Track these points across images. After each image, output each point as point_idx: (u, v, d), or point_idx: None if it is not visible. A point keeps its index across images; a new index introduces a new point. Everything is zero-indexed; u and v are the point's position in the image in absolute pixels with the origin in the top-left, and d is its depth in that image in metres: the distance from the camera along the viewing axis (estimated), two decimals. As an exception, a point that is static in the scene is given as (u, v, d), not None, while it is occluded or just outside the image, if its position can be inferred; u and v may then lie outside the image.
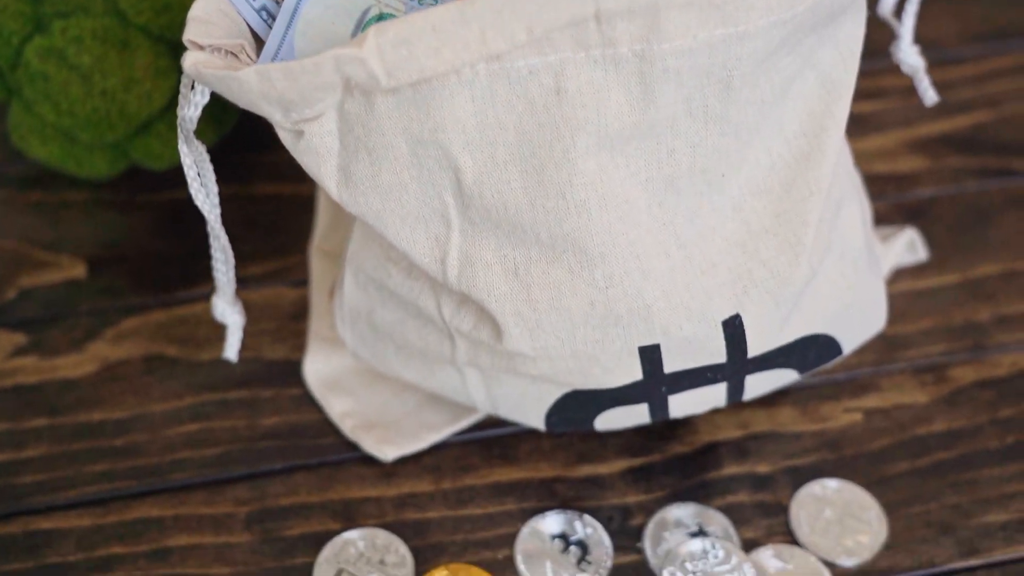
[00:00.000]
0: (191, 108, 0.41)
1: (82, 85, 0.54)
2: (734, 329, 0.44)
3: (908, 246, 0.58)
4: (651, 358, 0.44)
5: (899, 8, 0.70)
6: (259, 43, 0.43)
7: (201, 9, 0.41)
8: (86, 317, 0.56)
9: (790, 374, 0.48)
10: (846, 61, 0.44)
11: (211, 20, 0.41)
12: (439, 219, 0.42)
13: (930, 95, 0.51)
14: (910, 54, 0.50)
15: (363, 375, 0.54)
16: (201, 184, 0.44)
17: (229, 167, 0.62)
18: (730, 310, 0.44)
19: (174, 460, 0.52)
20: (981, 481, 0.51)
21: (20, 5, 0.54)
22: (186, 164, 0.44)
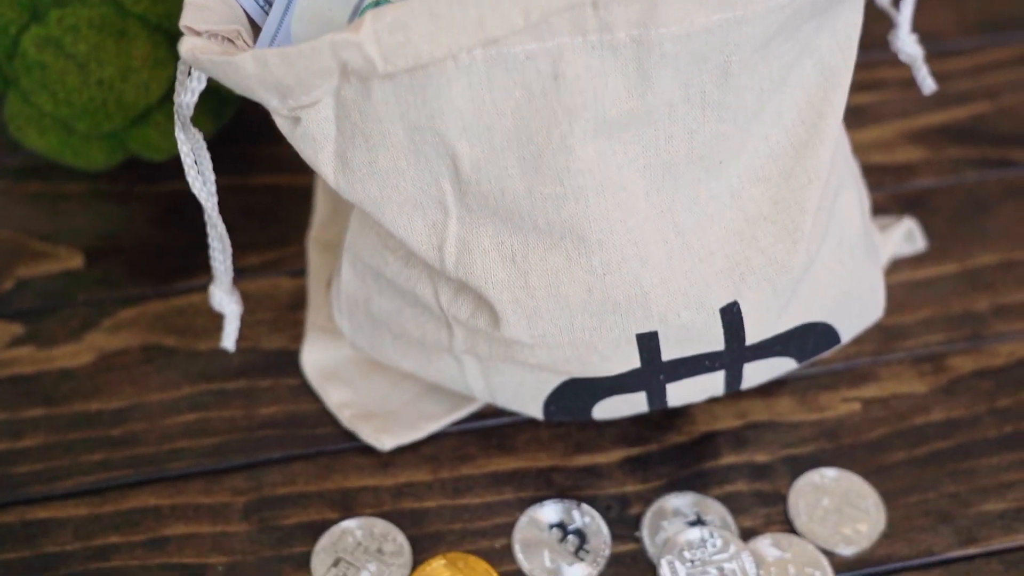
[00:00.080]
0: (188, 94, 0.41)
1: (79, 74, 0.54)
2: (732, 316, 0.44)
3: (906, 236, 0.57)
4: (649, 346, 0.44)
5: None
6: (256, 29, 0.43)
7: (198, -5, 0.41)
8: (83, 307, 0.56)
9: (788, 363, 0.48)
10: (844, 48, 0.44)
11: (208, 6, 0.41)
12: (436, 206, 0.42)
13: (928, 83, 0.51)
14: (908, 43, 0.50)
15: (361, 365, 0.54)
16: (198, 172, 0.44)
17: (227, 158, 0.62)
18: (728, 297, 0.44)
19: (172, 450, 0.52)
20: (979, 470, 0.51)
21: (17, -5, 0.54)
22: (183, 152, 0.44)
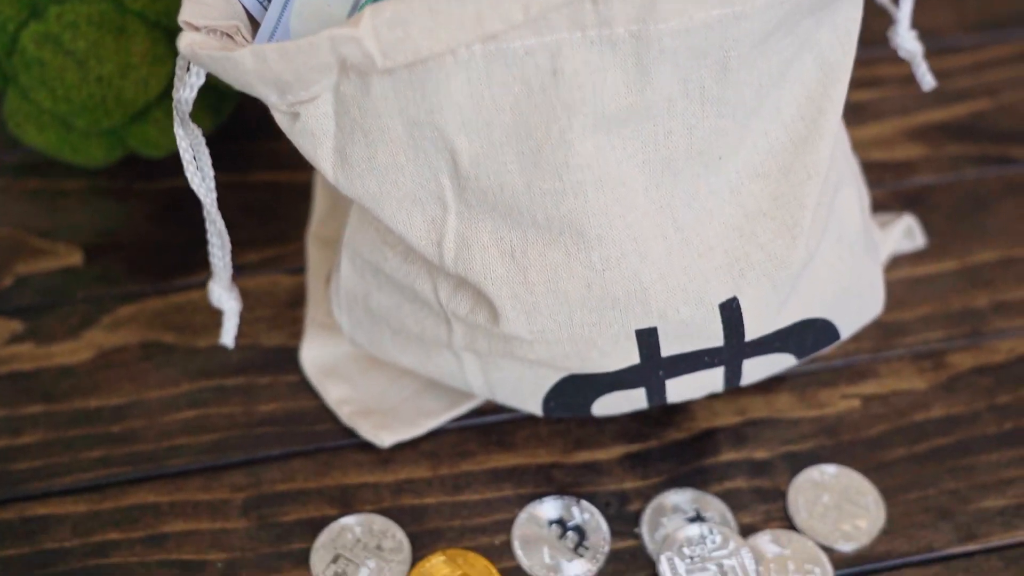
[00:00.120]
0: (187, 90, 0.41)
1: (78, 71, 0.54)
2: (731, 312, 0.44)
3: (906, 233, 0.57)
4: (648, 341, 0.44)
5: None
6: (254, 25, 0.43)
7: (197, -10, 0.41)
8: (82, 304, 0.56)
9: (788, 359, 0.48)
10: (843, 44, 0.44)
11: (206, 1, 0.41)
12: (435, 201, 0.42)
13: (928, 80, 0.51)
14: (908, 39, 0.50)
15: (360, 362, 0.54)
16: (197, 168, 0.44)
17: (226, 155, 0.62)
18: (727, 293, 0.44)
19: (171, 446, 0.52)
20: (979, 467, 0.51)
21: (16, -9, 0.54)
22: (182, 147, 0.43)
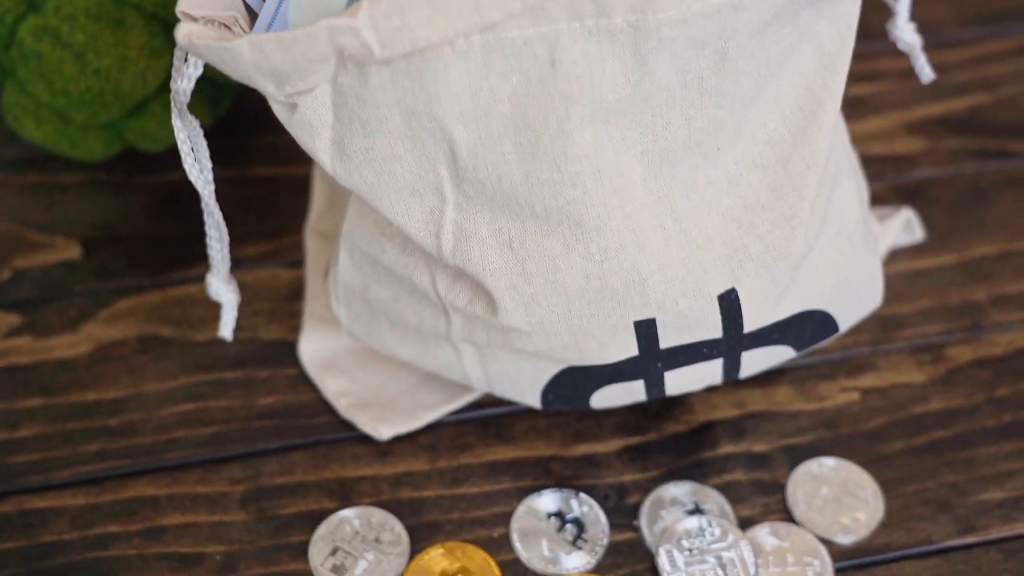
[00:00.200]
0: (184, 80, 0.41)
1: (76, 64, 0.53)
2: (730, 304, 0.44)
3: (905, 226, 0.57)
4: (647, 333, 0.44)
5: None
6: (252, 16, 0.43)
7: (194, -19, 0.41)
8: (80, 298, 0.56)
9: (786, 351, 0.48)
10: (842, 35, 0.44)
11: (204, -8, 0.41)
12: (433, 192, 0.42)
13: (927, 72, 0.51)
14: (906, 31, 0.50)
15: (358, 355, 0.53)
16: (195, 159, 0.44)
17: (225, 150, 0.62)
18: (726, 284, 0.44)
19: (169, 440, 0.52)
20: (978, 459, 0.51)
21: (14, -16, 0.54)
22: (180, 139, 0.43)
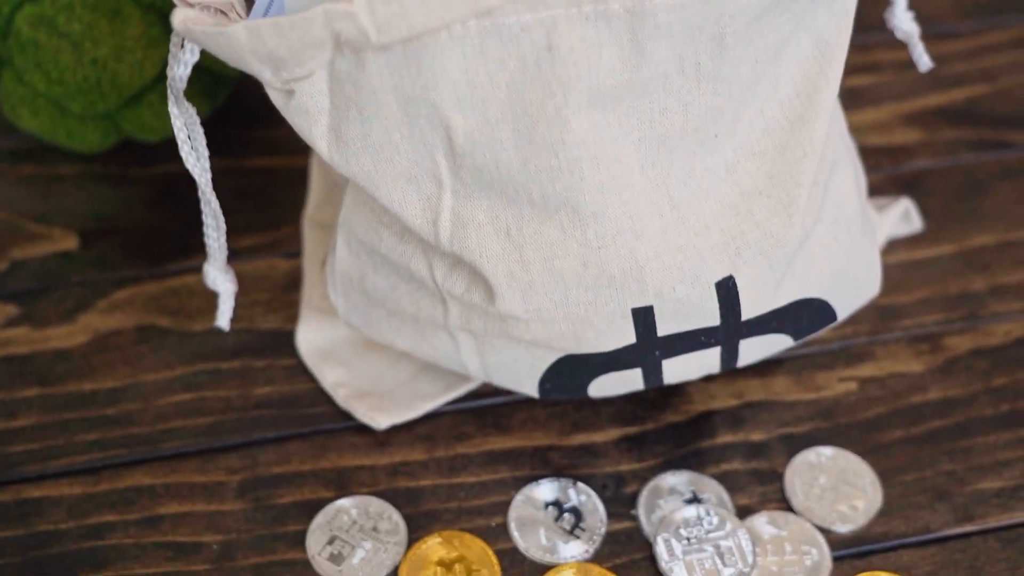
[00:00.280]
0: (181, 67, 0.41)
1: (72, 53, 0.53)
2: (727, 291, 0.44)
3: (903, 216, 0.57)
4: (644, 320, 0.44)
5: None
6: (249, 2, 0.43)
7: (190, -33, 0.41)
8: (78, 288, 0.56)
9: (785, 340, 0.48)
10: (840, 22, 0.44)
11: (201, -22, 0.41)
12: (431, 179, 0.42)
13: (924, 61, 0.51)
14: (904, 19, 0.50)
15: (356, 345, 0.53)
16: (192, 147, 0.44)
17: (222, 141, 0.62)
18: (723, 272, 0.44)
19: (166, 429, 0.52)
20: (976, 448, 0.51)
21: (11, -26, 0.54)
22: (176, 126, 0.43)
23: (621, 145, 0.41)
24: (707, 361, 0.47)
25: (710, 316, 0.45)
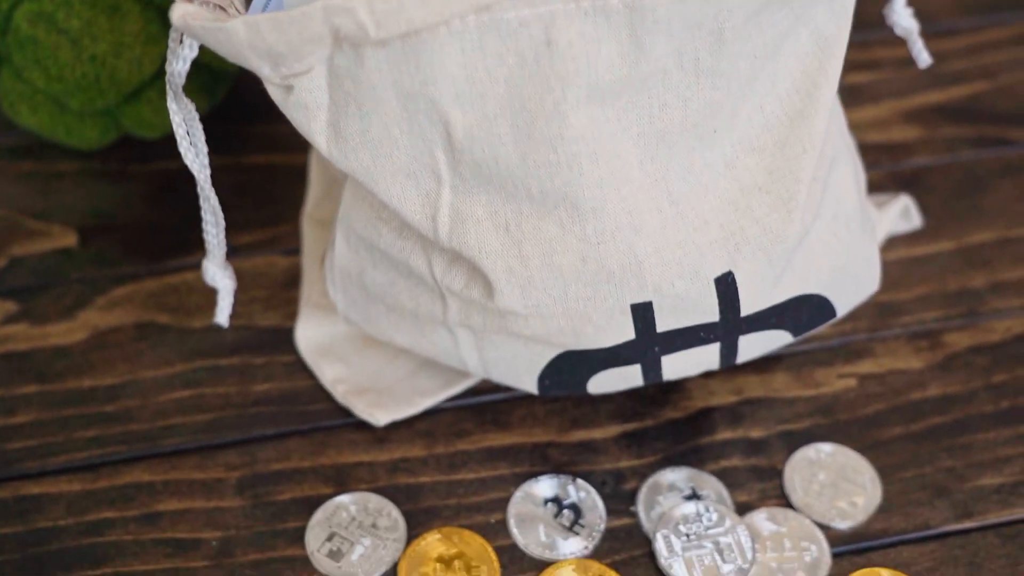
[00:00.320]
0: (179, 62, 0.41)
1: (71, 49, 0.53)
2: (727, 287, 0.44)
3: (903, 213, 0.57)
4: (643, 316, 0.44)
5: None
6: (248, -1, 0.43)
7: (189, -38, 0.41)
8: (77, 285, 0.56)
9: (784, 336, 0.48)
10: (839, 17, 0.44)
11: (199, -27, 0.41)
12: (430, 175, 0.42)
13: (924, 57, 0.51)
14: (904, 16, 0.50)
15: (355, 341, 0.53)
16: (191, 143, 0.44)
17: (221, 137, 0.62)
18: (723, 267, 0.44)
19: (165, 426, 0.52)
20: (975, 445, 0.51)
21: (10, -29, 0.54)
22: (175, 122, 0.43)
23: (620, 140, 0.41)
24: (706, 357, 0.47)
25: (709, 312, 0.45)
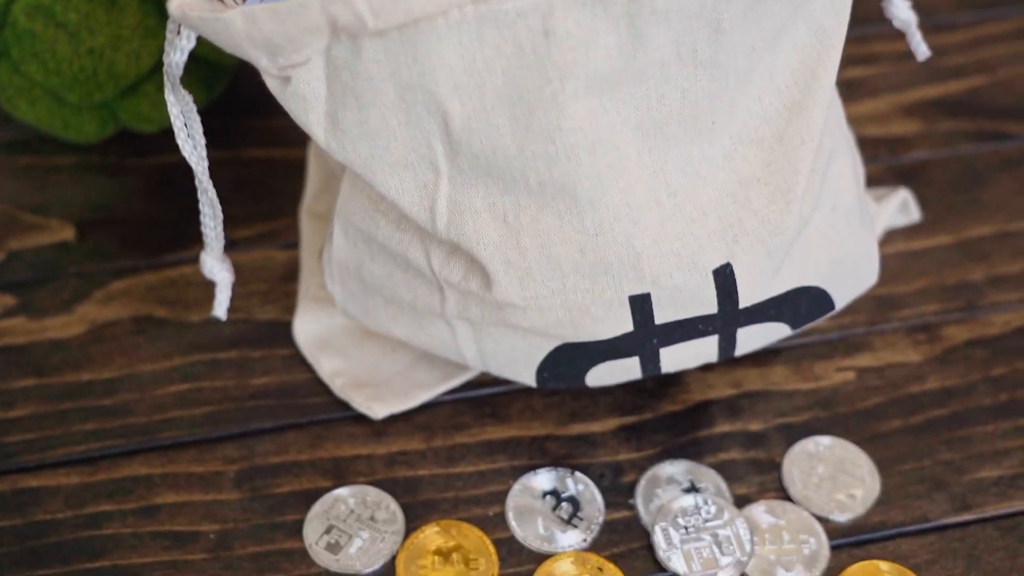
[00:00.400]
0: (177, 54, 0.41)
1: (69, 43, 0.53)
2: (725, 278, 0.44)
3: (901, 206, 0.57)
4: (642, 308, 0.44)
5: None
6: (246, -10, 0.43)
7: (187, -46, 0.41)
8: (75, 279, 0.56)
9: (782, 328, 0.48)
10: (837, 9, 0.44)
11: (197, -36, 0.41)
12: (427, 166, 0.42)
13: (922, 50, 0.51)
14: (902, 8, 0.50)
15: (353, 334, 0.53)
16: (188, 135, 0.44)
17: (220, 131, 0.62)
18: (721, 259, 0.44)
19: (164, 419, 0.51)
20: (974, 438, 0.51)
21: (7, -36, 0.54)
22: (173, 114, 0.43)
23: (618, 132, 0.41)
24: (705, 349, 0.47)
25: (707, 304, 0.45)
